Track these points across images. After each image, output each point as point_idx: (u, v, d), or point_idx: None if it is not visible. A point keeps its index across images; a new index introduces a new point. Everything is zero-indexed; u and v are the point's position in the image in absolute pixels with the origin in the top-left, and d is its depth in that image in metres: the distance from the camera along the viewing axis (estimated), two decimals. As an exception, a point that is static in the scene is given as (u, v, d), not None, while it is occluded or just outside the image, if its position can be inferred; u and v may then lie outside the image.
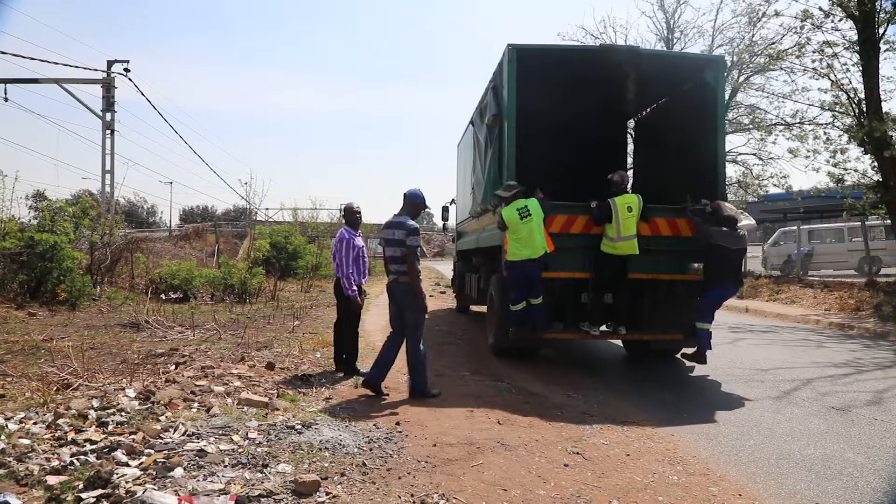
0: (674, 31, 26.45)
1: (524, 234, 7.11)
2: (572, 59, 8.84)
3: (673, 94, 9.30)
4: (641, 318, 7.83)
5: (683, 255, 7.50)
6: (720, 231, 7.01)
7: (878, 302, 13.46)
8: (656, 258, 7.53)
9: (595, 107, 9.80)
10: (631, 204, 7.25)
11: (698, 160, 8.11)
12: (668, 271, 7.57)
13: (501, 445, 4.68)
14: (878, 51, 14.59)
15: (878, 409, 6.12)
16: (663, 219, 7.53)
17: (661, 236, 7.51)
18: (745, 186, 25.61)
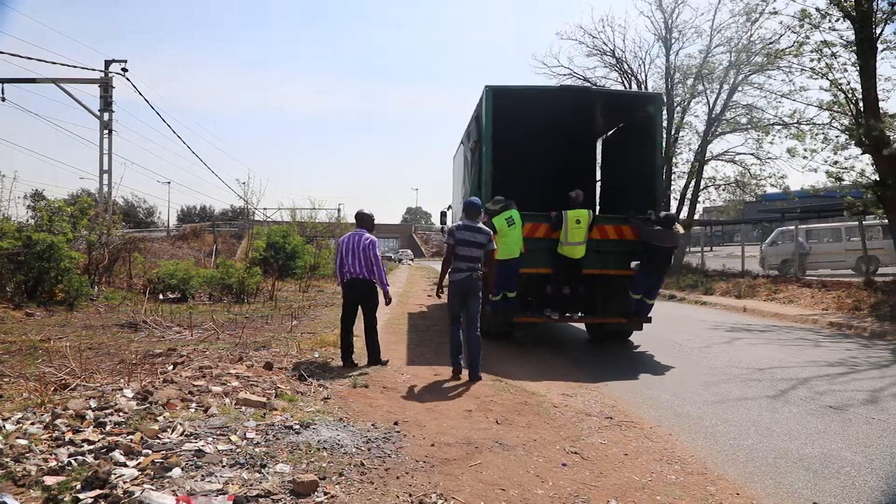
0: (672, 30, 26.49)
1: (509, 239, 8.61)
2: (539, 96, 10.60)
3: (627, 121, 11.05)
4: (594, 306, 10.01)
5: (626, 255, 9.37)
6: (656, 231, 8.94)
7: (875, 301, 13.49)
8: (605, 257, 9.34)
9: (564, 131, 11.62)
10: (580, 217, 9.03)
11: (644, 176, 10.06)
12: (614, 267, 9.45)
13: (500, 445, 4.68)
14: (876, 50, 14.61)
15: (875, 408, 6.14)
16: (611, 225, 9.41)
17: (608, 239, 9.36)
18: (742, 186, 25.68)
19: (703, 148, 25.51)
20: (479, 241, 6.89)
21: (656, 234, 8.93)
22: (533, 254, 9.11)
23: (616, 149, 11.69)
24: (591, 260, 9.21)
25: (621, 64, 28.12)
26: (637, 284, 9.25)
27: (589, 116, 11.36)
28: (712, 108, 25.13)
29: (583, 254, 9.09)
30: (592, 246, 9.15)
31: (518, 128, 10.80)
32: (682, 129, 26.02)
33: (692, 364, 8.54)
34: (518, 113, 10.54)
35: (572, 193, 9.25)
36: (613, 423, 5.51)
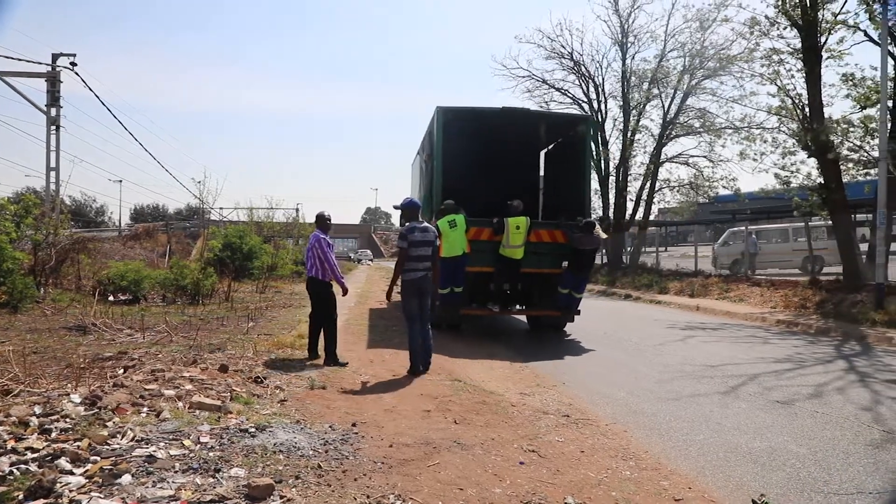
0: (628, 35, 26.98)
1: (451, 239, 9.71)
2: (485, 116, 11.78)
3: (565, 137, 12.48)
4: (532, 300, 11.48)
5: (559, 256, 10.72)
6: (581, 236, 10.33)
7: (820, 299, 13.99)
8: (541, 258, 10.61)
9: (509, 144, 12.77)
10: (519, 223, 10.28)
11: (576, 186, 11.54)
12: (548, 267, 10.76)
13: (458, 445, 4.69)
14: (821, 58, 15.16)
15: (819, 402, 6.36)
16: (546, 230, 10.75)
17: (544, 242, 10.61)
18: (696, 188, 26.32)
19: (658, 150, 26.07)
20: (430, 239, 7.34)
21: (580, 239, 10.37)
22: (478, 254, 10.26)
23: (555, 161, 13.06)
24: (529, 260, 10.51)
25: (579, 67, 28.53)
26: (566, 281, 10.69)
27: (530, 133, 12.68)
28: (667, 111, 25.75)
29: (521, 255, 10.38)
30: (530, 248, 10.45)
31: (466, 142, 11.78)
32: (638, 132, 26.54)
33: (647, 362, 8.72)
34: (466, 130, 11.67)
35: (513, 203, 10.50)
36: (570, 421, 5.58)
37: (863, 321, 11.71)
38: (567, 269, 10.69)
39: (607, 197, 27.92)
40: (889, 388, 6.98)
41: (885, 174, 12.49)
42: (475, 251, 10.14)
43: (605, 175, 27.86)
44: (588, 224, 10.36)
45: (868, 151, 14.71)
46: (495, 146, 12.61)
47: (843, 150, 15.07)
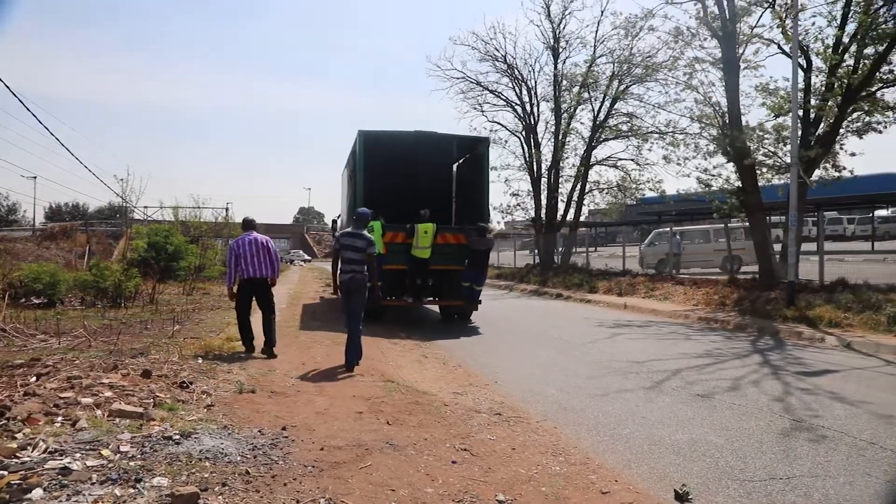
0: (559, 40, 27.53)
1: None
2: (401, 137, 13.84)
3: (470, 154, 14.56)
4: (441, 293, 13.35)
5: (461, 255, 12.64)
6: (477, 238, 12.43)
7: (738, 297, 14.70)
8: (447, 257, 12.55)
9: (425, 160, 14.69)
10: (427, 229, 12.23)
11: (478, 195, 13.67)
12: (453, 264, 12.70)
13: (390, 446, 4.68)
14: (739, 69, 15.94)
15: (736, 394, 6.69)
16: (450, 234, 12.76)
17: (449, 244, 12.57)
18: (623, 190, 27.12)
19: (588, 153, 26.73)
20: (359, 245, 7.87)
21: (476, 240, 12.48)
22: (394, 254, 12.11)
23: (462, 174, 15.08)
24: (437, 259, 12.45)
25: (513, 70, 28.93)
26: (466, 276, 12.72)
27: (442, 150, 14.81)
28: (597, 115, 26.39)
29: (429, 255, 12.31)
30: (437, 249, 12.39)
31: (386, 159, 13.86)
32: (569, 135, 27.13)
33: (577, 359, 8.94)
34: (385, 149, 13.73)
35: (422, 212, 12.39)
36: (502, 419, 5.65)
37: (776, 317, 12.38)
38: (468, 266, 12.66)
39: (539, 198, 28.44)
40: (798, 379, 7.41)
41: (797, 179, 13.25)
42: (391, 252, 12.07)
43: (537, 176, 28.37)
44: (482, 228, 12.58)
45: (781, 157, 15.54)
46: (412, 162, 14.58)
47: (758, 156, 15.83)
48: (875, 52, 13.92)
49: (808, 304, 12.45)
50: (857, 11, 13.98)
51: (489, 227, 12.72)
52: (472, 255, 12.54)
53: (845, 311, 11.63)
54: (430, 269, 12.56)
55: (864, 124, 15.12)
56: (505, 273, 30.78)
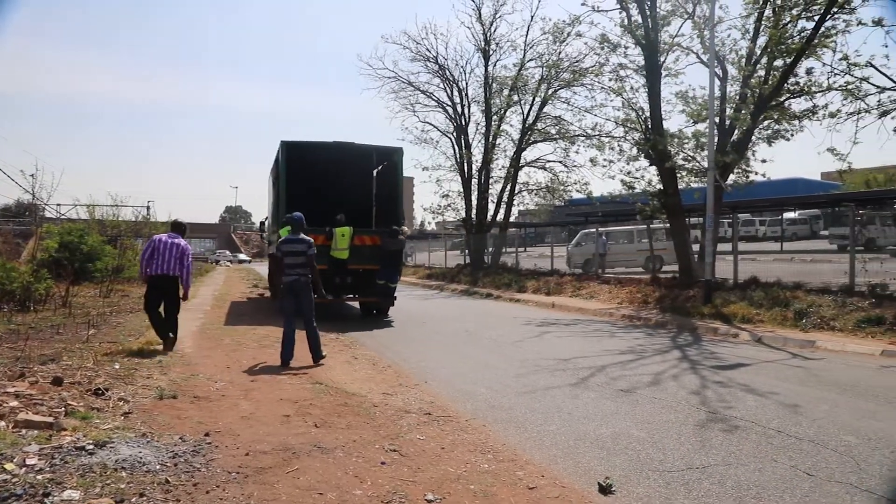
0: (490, 42, 27.89)
1: None
2: (323, 147, 14.88)
3: (387, 162, 15.51)
4: (360, 290, 14.23)
5: (377, 255, 13.65)
6: (389, 239, 13.53)
7: (660, 295, 15.31)
8: (363, 257, 13.57)
9: (347, 167, 15.75)
10: (344, 232, 13.37)
11: (393, 200, 14.77)
12: (370, 263, 13.66)
13: (318, 449, 4.61)
14: (660, 76, 16.60)
15: (657, 389, 6.96)
16: (367, 236, 13.85)
17: (365, 245, 13.67)
18: (552, 191, 27.74)
19: (518, 155, 27.19)
20: (300, 249, 8.30)
21: (389, 242, 13.56)
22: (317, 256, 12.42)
23: (381, 180, 16.01)
24: (354, 259, 13.51)
25: (444, 71, 29.13)
26: (381, 275, 13.66)
27: (363, 158, 15.70)
28: (526, 117, 26.89)
29: (347, 256, 13.36)
30: (355, 250, 13.50)
31: (309, 167, 14.98)
32: (499, 136, 27.53)
33: (506, 358, 9.07)
34: (308, 158, 14.90)
35: (337, 217, 13.48)
36: (432, 419, 5.67)
37: (694, 314, 12.97)
38: (382, 265, 13.67)
39: (470, 198, 28.72)
40: (714, 373, 7.79)
41: (713, 182, 13.93)
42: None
43: (467, 177, 28.63)
44: (394, 230, 13.65)
45: (699, 162, 16.26)
46: (333, 170, 15.77)
47: (678, 160, 16.55)
48: (784, 65, 14.82)
49: (724, 301, 13.09)
50: (767, 26, 14.83)
51: (401, 230, 13.87)
52: (386, 255, 13.61)
53: (757, 308, 12.30)
54: (349, 269, 13.57)
55: (774, 132, 16.06)
56: (436, 273, 30.91)
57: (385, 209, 15.15)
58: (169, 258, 8.66)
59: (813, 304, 11.70)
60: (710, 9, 14.27)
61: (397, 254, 13.95)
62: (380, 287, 13.68)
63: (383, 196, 15.51)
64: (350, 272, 13.68)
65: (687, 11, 16.04)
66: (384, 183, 15.63)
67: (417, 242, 48.64)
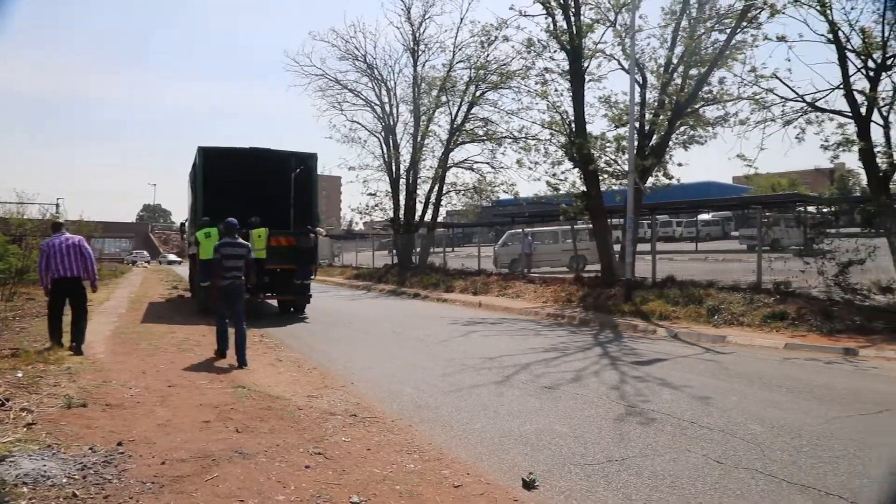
0: (419, 43, 27.91)
1: (205, 246, 12.13)
2: (240, 152, 15.45)
3: (305, 165, 16.14)
4: (278, 288, 14.76)
5: (293, 255, 14.33)
6: (304, 239, 14.36)
7: (583, 294, 15.74)
8: (280, 257, 14.17)
9: (266, 170, 16.36)
10: (261, 233, 13.80)
11: (309, 203, 15.61)
12: (286, 263, 14.33)
13: (239, 454, 4.48)
14: (584, 81, 17.08)
15: (579, 385, 7.16)
16: (283, 237, 14.49)
17: (282, 246, 14.29)
18: (479, 192, 28.03)
19: (446, 155, 27.32)
20: (241, 253, 8.55)
21: (303, 241, 14.34)
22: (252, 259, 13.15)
23: (299, 183, 16.62)
24: (272, 259, 13.99)
25: (373, 70, 28.94)
26: (298, 274, 14.46)
27: (281, 162, 16.41)
28: (454, 118, 27.04)
29: (265, 256, 13.67)
30: (272, 251, 14.01)
31: (227, 171, 15.33)
32: (427, 137, 27.58)
33: (433, 357, 9.10)
34: (225, 162, 15.33)
35: (251, 219, 13.74)
36: (358, 420, 5.62)
37: (615, 312, 13.41)
38: (298, 265, 14.40)
39: (398, 198, 28.65)
40: (633, 368, 8.08)
41: (633, 185, 14.45)
42: None
43: (395, 177, 28.56)
44: (308, 231, 14.50)
45: (620, 165, 16.83)
46: (252, 173, 16.20)
47: (601, 163, 17.06)
48: (698, 74, 15.56)
49: (643, 299, 13.61)
50: (683, 36, 15.53)
51: (316, 230, 14.79)
52: (301, 255, 14.39)
53: (673, 305, 12.85)
54: (266, 268, 13.92)
55: (690, 137, 16.87)
56: (363, 273, 30.67)
57: (301, 211, 16.04)
58: (67, 259, 8.44)
59: (724, 301, 12.33)
60: (631, 18, 14.82)
61: (311, 252, 14.72)
62: (296, 286, 14.48)
63: (300, 199, 16.35)
64: (268, 272, 14.09)
65: (609, 20, 16.57)
66: (301, 186, 16.43)
67: (345, 242, 48.15)
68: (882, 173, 12.83)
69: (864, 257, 11.21)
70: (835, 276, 11.44)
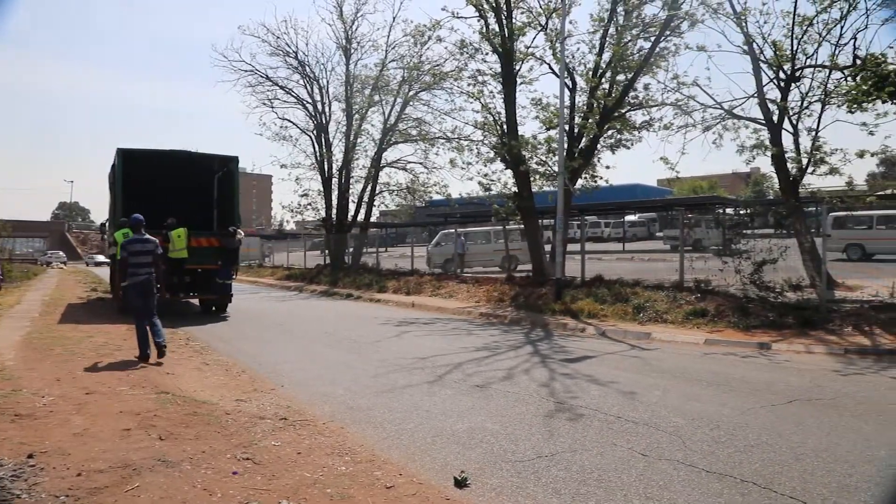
0: (352, 41, 27.63)
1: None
2: (162, 154, 15.77)
3: (226, 168, 16.58)
4: (200, 288, 15.04)
5: (215, 255, 14.69)
6: (226, 240, 14.73)
7: (514, 293, 15.97)
8: (202, 257, 14.47)
9: (188, 173, 16.62)
10: (180, 234, 14.02)
11: (231, 204, 16.01)
12: (208, 263, 14.63)
13: (163, 463, 4.31)
14: (516, 83, 17.35)
15: (510, 383, 7.26)
16: (204, 238, 14.81)
17: (203, 246, 14.59)
18: (412, 192, 28.03)
19: (379, 155, 27.18)
20: (149, 249, 8.64)
21: (226, 242, 14.72)
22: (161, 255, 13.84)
23: (221, 185, 17.06)
24: (193, 259, 14.30)
25: (304, 67, 28.44)
26: (220, 274, 14.79)
27: (203, 165, 16.93)
28: (387, 118, 26.93)
29: (185, 255, 14.06)
30: (193, 251, 14.27)
31: (148, 173, 15.57)
32: (360, 136, 27.37)
33: (365, 359, 9.03)
34: (147, 164, 15.49)
35: (168, 220, 14.08)
36: (288, 424, 5.51)
37: (546, 311, 13.69)
38: (220, 265, 14.74)
39: (330, 198, 28.29)
40: (562, 366, 8.27)
41: (563, 186, 14.78)
42: None
43: (328, 176, 28.19)
44: (229, 231, 14.84)
45: (551, 166, 17.18)
46: (175, 175, 16.30)
47: (532, 164, 17.37)
48: (625, 80, 16.10)
49: (573, 298, 13.94)
50: (611, 43, 16.00)
51: (237, 231, 15.09)
52: (223, 255, 14.75)
53: (601, 304, 13.23)
54: (187, 268, 14.37)
55: (617, 141, 17.40)
56: (295, 274, 30.13)
57: (224, 212, 16.52)
58: None
59: (649, 299, 12.80)
60: (561, 23, 15.14)
61: (233, 252, 15.07)
62: (217, 286, 14.82)
63: (223, 200, 16.83)
64: (189, 271, 14.52)
65: (540, 24, 16.87)
66: (225, 187, 16.85)
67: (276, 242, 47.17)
68: (792, 177, 13.67)
69: (777, 257, 11.87)
70: (750, 274, 12.06)
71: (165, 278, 13.69)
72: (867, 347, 9.15)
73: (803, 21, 13.08)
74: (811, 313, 10.73)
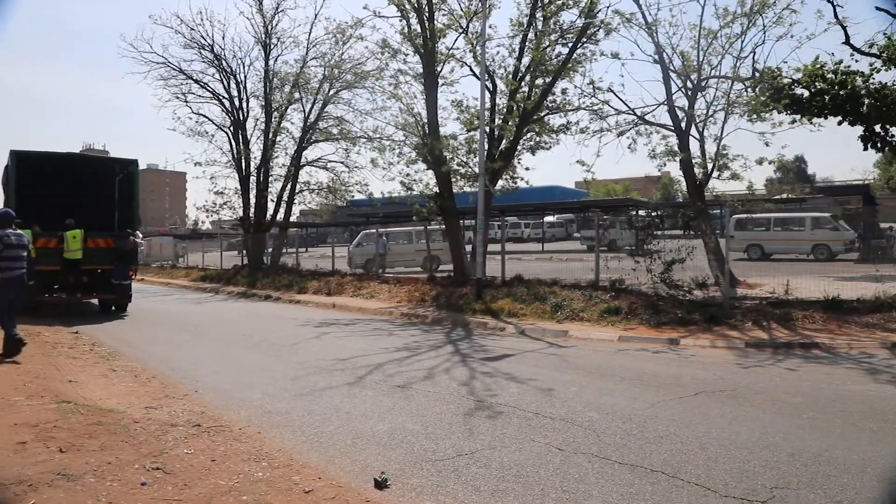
0: (271, 36, 26.91)
1: None
2: (60, 157, 16.44)
3: (126, 171, 16.87)
4: (96, 288, 15.24)
5: (111, 256, 15.00)
6: (122, 241, 15.08)
7: (436, 293, 16.05)
8: (99, 258, 14.83)
9: (87, 176, 16.97)
10: (76, 235, 14.29)
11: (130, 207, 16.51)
12: (103, 263, 14.98)
13: (63, 477, 4.06)
14: (437, 84, 17.42)
15: (431, 382, 7.30)
16: (101, 238, 15.03)
17: (100, 247, 14.91)
18: (333, 192, 27.62)
19: (299, 153, 26.61)
20: (24, 243, 8.69)
21: (122, 243, 15.03)
22: (47, 258, 13.65)
23: (122, 187, 17.08)
24: (89, 260, 14.61)
25: (221, 61, 27.44)
26: (117, 274, 15.01)
27: (103, 168, 17.42)
28: (308, 116, 26.39)
29: (80, 256, 14.37)
30: (89, 252, 14.56)
31: (45, 175, 15.57)
32: (279, 134, 26.71)
33: (283, 361, 8.84)
34: (44, 166, 15.73)
35: (66, 222, 14.35)
36: (202, 430, 5.31)
37: (467, 310, 13.83)
38: (117, 265, 14.96)
39: (248, 197, 27.49)
40: (482, 364, 8.39)
41: (483, 187, 14.99)
42: (45, 255, 13.43)
43: (245, 175, 27.38)
44: (126, 233, 15.27)
45: (472, 167, 17.37)
46: (73, 177, 16.51)
47: (453, 165, 17.51)
48: (544, 84, 16.49)
49: (493, 297, 14.16)
50: (530, 47, 16.34)
51: (135, 233, 15.56)
52: (120, 256, 15.00)
53: (521, 303, 13.50)
54: (84, 269, 14.63)
55: (536, 143, 17.76)
56: (211, 275, 29.07)
57: (125, 214, 16.76)
58: None
59: (566, 298, 13.16)
60: (482, 26, 15.35)
61: (130, 254, 15.41)
62: (116, 286, 15.07)
63: (123, 202, 16.96)
64: (85, 272, 14.81)
65: (461, 26, 17.01)
66: (123, 190, 17.01)
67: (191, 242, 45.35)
68: (698, 182, 14.42)
69: (685, 257, 12.50)
70: (661, 273, 12.63)
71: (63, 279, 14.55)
72: (765, 341, 9.80)
73: (708, 34, 13.82)
74: (716, 310, 11.36)
